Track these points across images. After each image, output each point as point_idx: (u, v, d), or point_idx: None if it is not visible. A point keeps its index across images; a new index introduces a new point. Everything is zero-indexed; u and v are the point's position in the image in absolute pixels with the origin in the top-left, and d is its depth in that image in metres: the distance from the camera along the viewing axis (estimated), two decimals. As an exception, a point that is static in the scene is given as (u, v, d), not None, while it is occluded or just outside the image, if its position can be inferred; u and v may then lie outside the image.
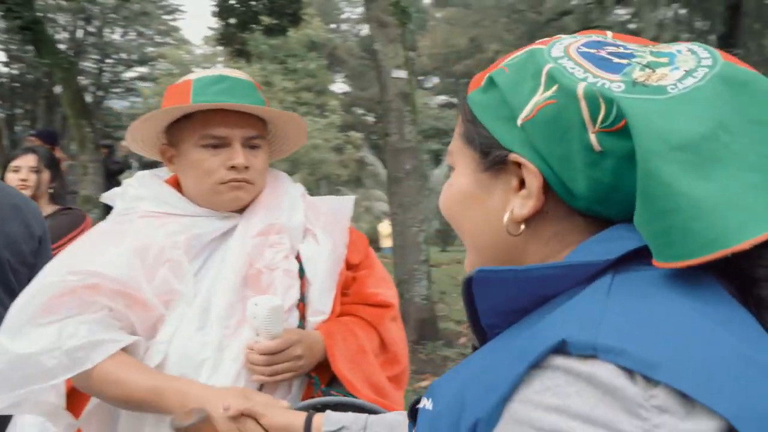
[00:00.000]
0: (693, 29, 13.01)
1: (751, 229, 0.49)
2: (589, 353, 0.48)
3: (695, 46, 0.60)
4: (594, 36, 0.65)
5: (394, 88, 5.46)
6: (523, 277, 0.58)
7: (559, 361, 0.49)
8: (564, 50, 0.62)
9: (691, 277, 0.53)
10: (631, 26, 13.39)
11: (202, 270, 1.37)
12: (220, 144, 1.37)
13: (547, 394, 0.48)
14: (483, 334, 0.64)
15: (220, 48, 17.33)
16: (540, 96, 0.60)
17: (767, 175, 0.51)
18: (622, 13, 14.65)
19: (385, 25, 5.36)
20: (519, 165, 0.62)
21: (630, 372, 0.46)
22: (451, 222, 0.72)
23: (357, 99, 37.97)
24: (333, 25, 38.88)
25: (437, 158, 22.72)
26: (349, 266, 1.52)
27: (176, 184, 1.47)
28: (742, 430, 0.44)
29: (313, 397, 1.34)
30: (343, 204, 1.58)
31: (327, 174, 21.57)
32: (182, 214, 1.40)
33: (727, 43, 11.39)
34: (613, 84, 0.56)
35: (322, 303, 1.43)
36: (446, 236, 22.05)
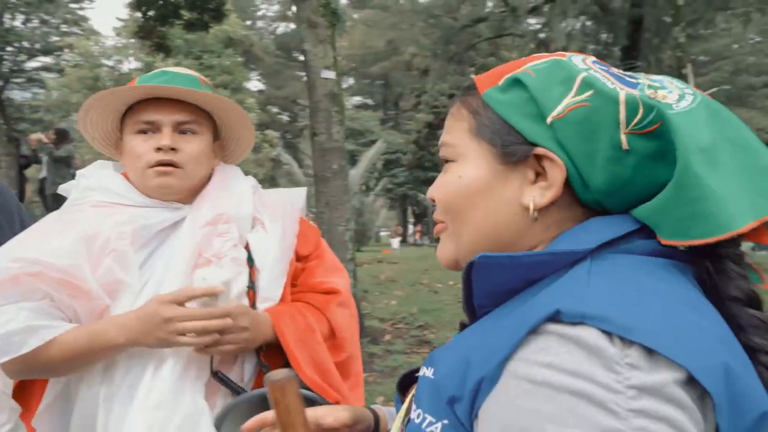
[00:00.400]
0: (599, 41, 13.69)
1: (746, 217, 0.61)
2: (578, 320, 0.57)
3: (671, 79, 0.72)
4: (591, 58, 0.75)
5: (323, 89, 5.49)
6: (519, 263, 0.68)
7: (553, 327, 0.58)
8: (583, 62, 0.72)
9: (652, 262, 0.66)
10: (542, 35, 13.94)
11: (150, 260, 1.38)
12: (152, 129, 1.40)
13: (542, 354, 0.58)
14: (474, 313, 0.73)
15: (132, 40, 16.71)
16: (571, 98, 0.69)
17: (745, 179, 0.64)
18: (533, 22, 15.23)
19: (315, 25, 5.38)
20: (539, 158, 0.71)
21: (609, 335, 0.56)
22: (451, 212, 0.77)
23: (272, 97, 37.54)
24: (249, 22, 38.28)
25: (353, 158, 22.79)
26: (299, 257, 1.54)
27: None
28: (700, 378, 0.55)
29: (263, 386, 1.37)
30: (294, 195, 1.62)
31: (243, 172, 21.21)
32: (132, 205, 1.40)
33: (629, 55, 12.04)
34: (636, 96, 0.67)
35: (271, 290, 1.44)
36: (361, 236, 22.14)
